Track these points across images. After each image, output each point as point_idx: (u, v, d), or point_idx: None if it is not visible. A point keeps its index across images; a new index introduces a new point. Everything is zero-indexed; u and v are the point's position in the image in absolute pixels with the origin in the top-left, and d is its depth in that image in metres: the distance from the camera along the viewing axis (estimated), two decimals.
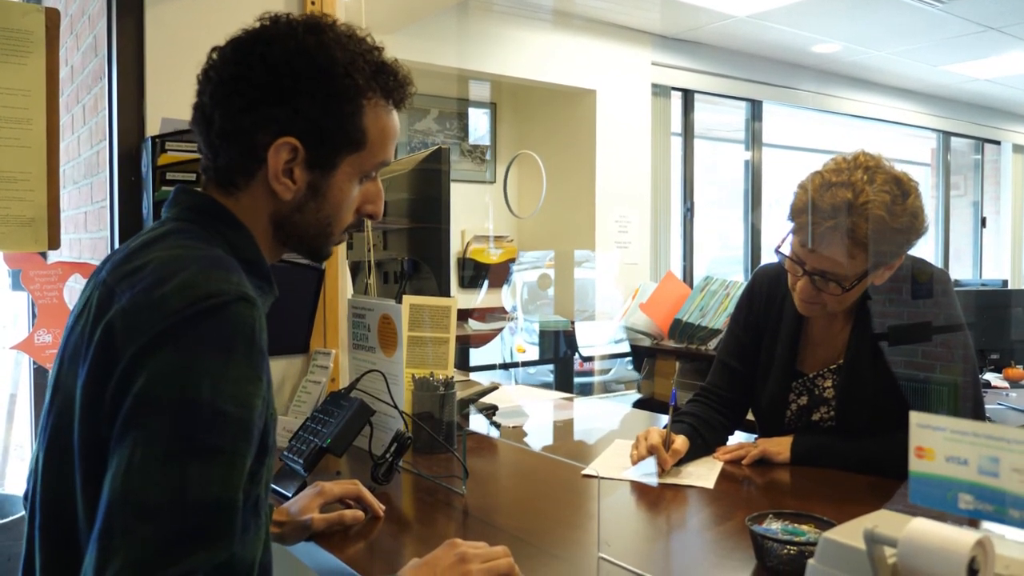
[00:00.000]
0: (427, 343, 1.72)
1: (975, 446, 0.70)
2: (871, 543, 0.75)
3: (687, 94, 5.61)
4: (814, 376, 1.66)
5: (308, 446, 1.43)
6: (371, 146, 1.01)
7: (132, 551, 0.73)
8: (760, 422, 1.75)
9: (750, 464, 1.60)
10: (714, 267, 6.24)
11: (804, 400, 1.67)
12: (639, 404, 3.87)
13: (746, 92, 5.84)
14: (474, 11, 4.58)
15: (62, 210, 1.84)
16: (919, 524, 0.74)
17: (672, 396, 1.62)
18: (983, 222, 8.05)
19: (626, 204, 5.06)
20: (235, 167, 0.97)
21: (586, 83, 4.93)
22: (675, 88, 5.50)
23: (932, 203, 7.47)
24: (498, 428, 1.97)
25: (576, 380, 4.57)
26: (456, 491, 1.42)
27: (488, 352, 4.39)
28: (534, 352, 4.60)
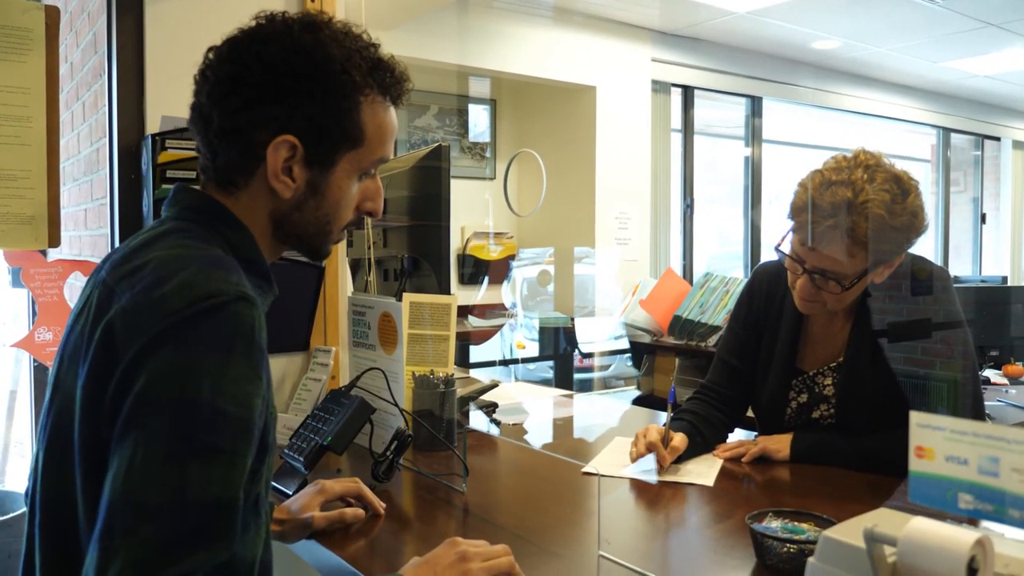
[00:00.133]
0: (427, 341, 1.72)
1: (975, 446, 0.70)
2: (871, 542, 0.75)
3: (687, 90, 5.60)
4: (814, 374, 1.66)
5: (309, 444, 1.43)
6: (369, 143, 1.01)
7: (133, 551, 0.73)
8: (760, 420, 1.75)
9: (750, 462, 1.60)
10: (714, 263, 6.24)
11: (804, 398, 1.67)
12: (638, 401, 3.87)
13: (746, 88, 5.84)
14: (474, 7, 4.57)
15: (62, 207, 1.84)
16: (919, 523, 0.74)
17: (671, 394, 1.62)
18: (983, 218, 8.05)
19: (626, 200, 5.06)
20: (234, 166, 0.97)
21: (586, 79, 4.93)
22: (675, 84, 5.49)
23: (932, 199, 7.47)
24: (498, 426, 1.97)
25: (576, 376, 4.57)
26: (456, 489, 1.42)
27: (488, 349, 4.39)
28: (534, 348, 4.60)
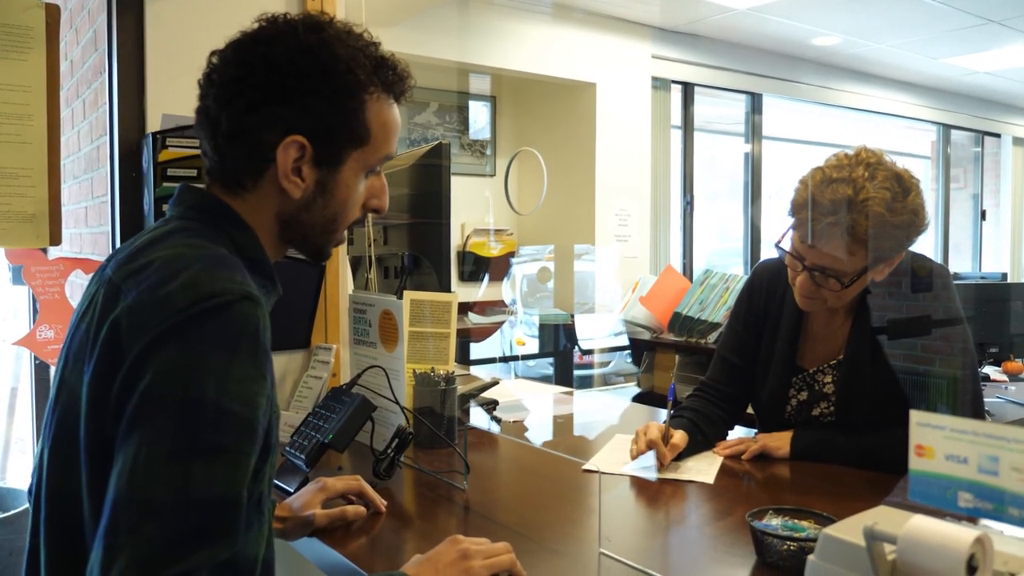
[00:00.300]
0: (428, 338, 1.72)
1: (975, 445, 0.70)
2: (871, 540, 0.76)
3: (687, 87, 5.60)
4: (814, 371, 1.66)
5: (310, 442, 1.43)
6: (375, 140, 1.02)
7: (137, 549, 0.73)
8: (760, 417, 1.76)
9: (750, 459, 1.60)
10: (714, 260, 6.24)
11: (804, 395, 1.67)
12: (638, 398, 3.87)
13: (746, 85, 5.84)
14: (474, 4, 4.57)
15: (63, 205, 1.84)
16: (919, 521, 0.74)
17: (671, 391, 1.62)
18: (983, 215, 8.05)
19: (626, 197, 5.06)
20: (243, 168, 0.98)
21: (586, 76, 4.93)
22: (675, 81, 5.49)
23: (932, 196, 7.47)
24: (499, 423, 1.98)
25: (576, 373, 4.57)
26: (457, 486, 1.43)
27: (488, 346, 4.39)
28: (534, 345, 4.60)
